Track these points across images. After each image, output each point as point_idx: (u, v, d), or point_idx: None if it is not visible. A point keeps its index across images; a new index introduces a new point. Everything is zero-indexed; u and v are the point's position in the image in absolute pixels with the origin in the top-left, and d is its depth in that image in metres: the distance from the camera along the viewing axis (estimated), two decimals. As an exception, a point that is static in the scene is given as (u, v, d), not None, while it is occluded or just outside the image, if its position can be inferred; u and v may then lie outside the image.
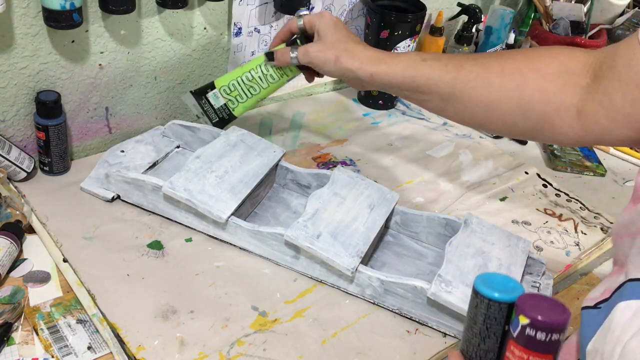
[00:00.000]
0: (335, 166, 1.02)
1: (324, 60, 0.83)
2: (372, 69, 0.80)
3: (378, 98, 1.21)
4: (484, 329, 0.54)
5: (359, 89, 0.87)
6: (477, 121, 0.78)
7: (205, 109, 0.92)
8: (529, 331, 0.51)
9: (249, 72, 0.90)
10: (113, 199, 0.87)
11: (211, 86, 0.92)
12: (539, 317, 0.50)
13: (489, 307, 0.54)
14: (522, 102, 0.72)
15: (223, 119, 0.93)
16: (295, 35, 0.88)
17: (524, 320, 0.51)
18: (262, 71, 0.89)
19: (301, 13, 0.87)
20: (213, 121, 0.94)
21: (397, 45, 1.13)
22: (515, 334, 0.51)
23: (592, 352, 0.57)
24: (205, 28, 1.00)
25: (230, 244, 0.83)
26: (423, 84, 0.78)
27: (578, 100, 0.69)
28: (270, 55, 0.88)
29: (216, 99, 0.90)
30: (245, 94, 0.91)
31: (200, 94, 0.93)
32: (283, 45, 0.89)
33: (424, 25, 1.17)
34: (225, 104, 0.91)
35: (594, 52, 0.71)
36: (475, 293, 0.54)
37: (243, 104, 0.92)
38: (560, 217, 0.99)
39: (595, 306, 0.60)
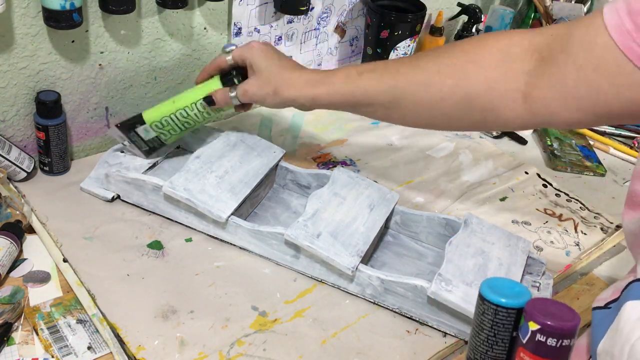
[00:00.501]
0: (335, 166, 1.02)
1: (263, 96, 0.83)
2: (312, 92, 0.80)
3: (378, 98, 1.21)
4: (492, 335, 0.54)
5: (306, 110, 0.86)
6: (423, 122, 0.79)
7: (133, 140, 0.89)
8: (539, 337, 0.50)
9: (184, 109, 0.87)
10: (113, 199, 0.87)
11: (140, 120, 0.87)
12: (550, 323, 0.50)
13: (497, 314, 0.53)
14: (465, 96, 0.72)
15: (154, 148, 0.91)
16: (228, 71, 0.86)
17: (533, 326, 0.50)
18: (197, 109, 0.86)
19: (228, 49, 0.85)
20: (142, 149, 0.90)
21: (397, 45, 1.13)
22: (524, 340, 0.51)
23: (602, 353, 0.56)
24: (205, 28, 1.00)
25: (230, 243, 0.83)
26: (363, 98, 0.78)
27: (524, 85, 0.69)
28: (209, 100, 0.85)
29: (147, 132, 0.88)
30: (179, 128, 0.88)
31: (128, 128, 0.88)
32: (216, 81, 0.86)
33: (424, 25, 1.17)
34: (157, 136, 0.89)
35: (535, 34, 0.70)
36: (482, 299, 0.53)
37: (176, 135, 0.90)
38: (560, 217, 0.99)
39: (606, 306, 0.61)
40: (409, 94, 0.75)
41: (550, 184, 1.06)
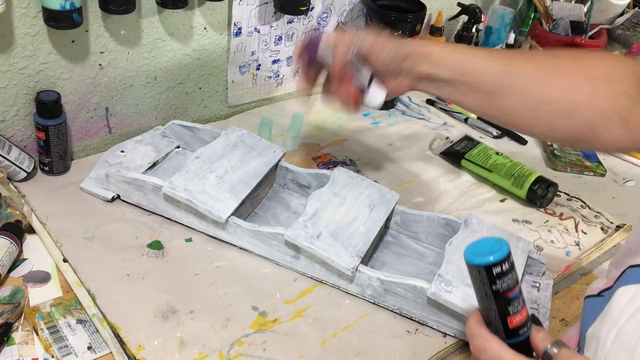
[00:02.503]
0: (335, 166, 1.02)
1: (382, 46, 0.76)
2: (428, 49, 0.74)
3: (378, 98, 1.21)
4: (476, 290, 0.57)
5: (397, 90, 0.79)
6: (522, 121, 0.74)
7: None
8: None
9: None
10: (113, 199, 0.87)
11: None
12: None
13: (471, 272, 0.56)
14: (570, 104, 0.69)
15: None
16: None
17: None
18: None
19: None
20: None
21: (397, 45, 1.13)
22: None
23: (590, 337, 0.58)
24: (205, 28, 1.00)
25: (230, 244, 0.83)
26: (471, 74, 0.72)
27: (624, 109, 0.67)
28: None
29: None
30: None
31: None
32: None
33: (424, 25, 1.17)
34: None
35: (637, 61, 0.70)
36: (465, 260, 0.56)
37: None
38: (560, 216, 0.99)
39: (599, 294, 0.62)
40: (518, 85, 0.71)
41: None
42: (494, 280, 0.55)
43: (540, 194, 0.98)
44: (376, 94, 0.78)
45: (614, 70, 0.69)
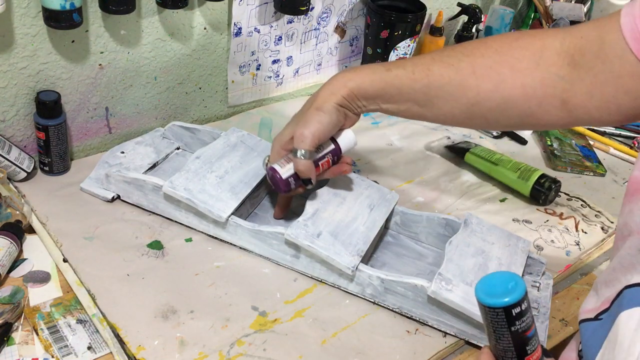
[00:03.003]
0: (335, 166, 1.02)
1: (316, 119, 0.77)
2: (352, 78, 0.76)
3: (378, 98, 1.21)
4: (492, 332, 0.54)
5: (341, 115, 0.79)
6: (458, 122, 0.77)
7: None
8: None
9: None
10: (113, 199, 0.87)
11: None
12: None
13: (487, 313, 0.53)
14: (503, 102, 0.71)
15: None
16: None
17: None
18: None
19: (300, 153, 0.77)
20: None
21: (397, 45, 1.13)
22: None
23: None
24: (205, 28, 1.00)
25: (230, 243, 0.83)
26: (395, 94, 0.75)
27: (560, 92, 0.68)
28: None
29: None
30: None
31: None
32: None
33: (424, 25, 1.17)
34: None
35: (566, 36, 0.68)
36: (477, 299, 0.53)
37: None
38: (560, 215, 0.99)
39: (596, 318, 0.59)
40: (444, 95, 0.73)
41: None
42: (512, 321, 0.52)
43: (546, 188, 0.98)
44: (348, 139, 0.81)
45: (542, 54, 0.69)
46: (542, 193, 0.98)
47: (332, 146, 0.80)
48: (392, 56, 1.14)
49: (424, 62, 0.75)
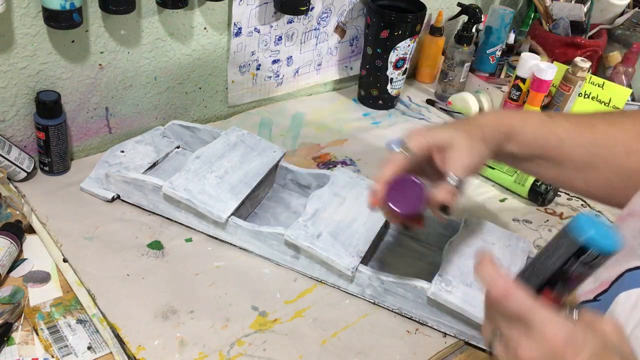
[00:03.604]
0: (335, 166, 1.02)
1: (476, 158, 0.66)
2: (509, 122, 0.67)
3: (378, 98, 1.21)
4: (550, 251, 0.52)
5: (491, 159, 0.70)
6: (608, 193, 0.68)
7: None
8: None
9: None
10: (113, 199, 0.87)
11: None
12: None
13: (566, 234, 0.51)
14: None
15: None
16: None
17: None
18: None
19: (399, 146, 0.66)
20: None
21: (397, 45, 1.13)
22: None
23: None
24: (205, 28, 1.00)
25: (230, 244, 0.83)
26: (555, 147, 0.66)
27: None
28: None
29: None
30: None
31: None
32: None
33: (424, 25, 1.17)
34: None
35: None
36: (578, 220, 0.51)
37: None
38: (561, 215, 0.99)
39: (595, 299, 0.59)
40: (608, 157, 0.65)
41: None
42: (573, 259, 0.50)
43: (543, 190, 0.98)
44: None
45: None
46: (540, 195, 0.99)
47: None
48: (392, 56, 1.14)
49: (587, 118, 0.67)
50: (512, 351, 0.49)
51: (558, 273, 0.51)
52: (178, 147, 0.98)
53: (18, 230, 0.77)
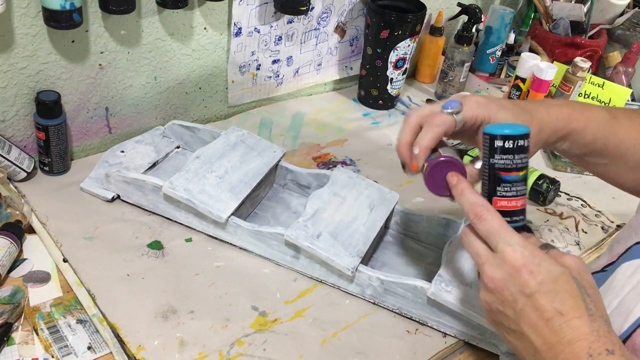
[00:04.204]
0: (335, 166, 1.02)
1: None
2: (570, 126, 0.65)
3: (378, 98, 1.21)
4: (482, 165, 0.59)
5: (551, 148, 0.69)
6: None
7: None
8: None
9: None
10: (113, 199, 0.87)
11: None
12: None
13: (484, 142, 0.58)
14: None
15: None
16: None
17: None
18: None
19: (451, 108, 0.62)
20: None
21: (397, 45, 1.13)
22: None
23: None
24: (205, 28, 1.00)
25: (230, 244, 0.83)
26: (613, 148, 0.66)
27: None
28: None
29: None
30: None
31: None
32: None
33: (424, 25, 1.17)
34: None
35: None
36: (483, 132, 0.58)
37: None
38: (561, 215, 0.99)
39: (602, 269, 0.63)
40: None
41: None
42: (493, 152, 0.56)
43: (545, 189, 0.98)
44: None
45: None
46: (541, 194, 0.98)
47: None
48: (392, 56, 1.14)
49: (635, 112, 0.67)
50: (480, 268, 0.55)
51: (491, 173, 0.57)
52: (178, 147, 0.98)
53: (18, 230, 0.77)
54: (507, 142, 0.55)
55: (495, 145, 0.56)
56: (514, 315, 0.53)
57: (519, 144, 0.55)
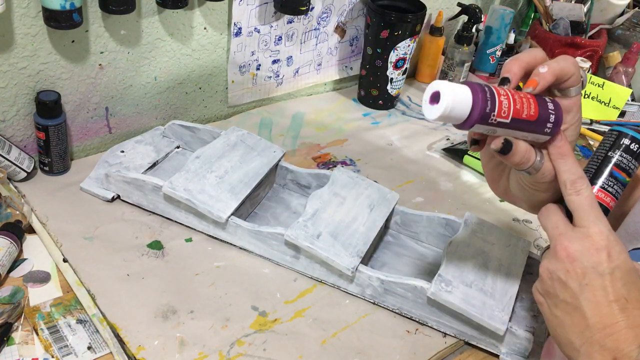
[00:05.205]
0: (335, 166, 1.02)
1: None
2: None
3: (378, 98, 1.21)
4: (599, 152, 0.61)
5: None
6: None
7: None
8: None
9: None
10: (113, 199, 0.87)
11: None
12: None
13: (609, 136, 0.61)
14: None
15: None
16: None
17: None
18: None
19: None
20: None
21: (397, 45, 1.13)
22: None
23: None
24: (205, 28, 1.00)
25: (230, 244, 0.83)
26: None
27: None
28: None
29: None
30: None
31: None
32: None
33: (424, 25, 1.17)
34: None
35: None
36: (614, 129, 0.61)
37: None
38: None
39: None
40: None
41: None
42: (616, 148, 0.58)
43: None
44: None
45: None
46: None
47: None
48: (392, 56, 1.14)
49: None
50: (556, 238, 0.54)
51: (603, 164, 0.59)
52: (178, 147, 0.98)
53: (18, 230, 0.77)
54: (633, 144, 0.59)
55: (622, 142, 0.59)
56: (578, 288, 0.53)
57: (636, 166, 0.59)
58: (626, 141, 0.59)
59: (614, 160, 0.59)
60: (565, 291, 0.53)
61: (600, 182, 0.59)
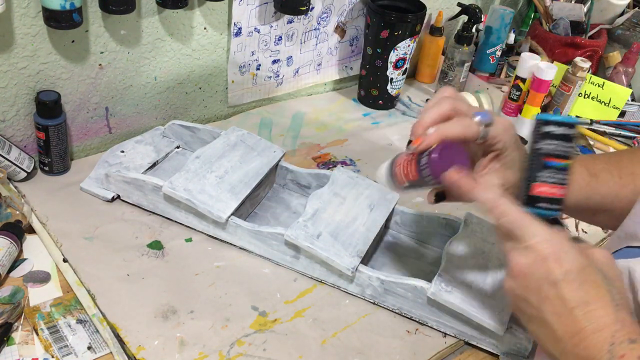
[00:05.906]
0: (335, 166, 1.02)
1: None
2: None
3: (378, 98, 1.21)
4: (530, 148, 0.60)
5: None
6: None
7: None
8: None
9: None
10: (113, 199, 0.87)
11: None
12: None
13: (532, 129, 0.60)
14: None
15: None
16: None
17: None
18: None
19: (482, 119, 0.60)
20: None
21: (397, 45, 1.13)
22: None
23: None
24: (205, 28, 1.00)
25: (230, 244, 0.83)
26: (597, 204, 0.68)
27: None
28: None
29: None
30: None
31: None
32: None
33: (424, 25, 1.17)
34: None
35: None
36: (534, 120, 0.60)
37: None
38: (561, 215, 0.99)
39: None
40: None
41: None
42: (540, 138, 0.57)
43: None
44: None
45: None
46: None
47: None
48: (392, 56, 1.14)
49: (629, 163, 0.67)
50: (507, 255, 0.56)
51: (535, 159, 0.58)
52: (178, 147, 0.98)
53: (18, 230, 0.77)
54: (552, 127, 0.57)
55: (542, 130, 0.57)
56: (538, 302, 0.53)
57: (566, 132, 0.57)
58: (545, 128, 0.57)
59: (542, 151, 0.57)
60: (530, 307, 0.53)
61: (538, 177, 0.58)
